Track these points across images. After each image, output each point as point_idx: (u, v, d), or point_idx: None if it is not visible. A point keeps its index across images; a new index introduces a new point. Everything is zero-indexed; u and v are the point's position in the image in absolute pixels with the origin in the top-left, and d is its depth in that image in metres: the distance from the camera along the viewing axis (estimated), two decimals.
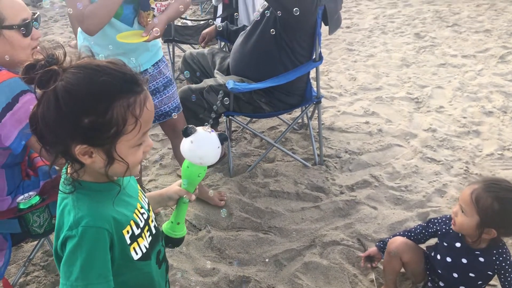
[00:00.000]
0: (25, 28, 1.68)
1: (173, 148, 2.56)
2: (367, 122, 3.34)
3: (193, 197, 1.25)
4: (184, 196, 1.25)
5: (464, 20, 5.42)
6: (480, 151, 2.93)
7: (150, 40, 2.00)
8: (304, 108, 2.85)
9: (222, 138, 1.22)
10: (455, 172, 2.74)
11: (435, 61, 4.34)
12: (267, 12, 2.53)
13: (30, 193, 1.70)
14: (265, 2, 2.63)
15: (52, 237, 2.24)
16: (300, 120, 3.28)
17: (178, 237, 1.29)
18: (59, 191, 1.05)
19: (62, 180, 1.06)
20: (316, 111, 2.88)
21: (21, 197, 1.68)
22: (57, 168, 1.81)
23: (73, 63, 0.95)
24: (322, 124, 3.27)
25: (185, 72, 2.85)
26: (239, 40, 2.71)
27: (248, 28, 2.68)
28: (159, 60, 2.28)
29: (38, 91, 0.94)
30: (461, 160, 2.84)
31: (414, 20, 5.51)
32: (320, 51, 2.66)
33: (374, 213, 2.44)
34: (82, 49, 1.01)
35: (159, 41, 2.33)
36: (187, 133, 1.19)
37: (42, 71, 0.91)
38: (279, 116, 3.22)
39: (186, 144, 1.20)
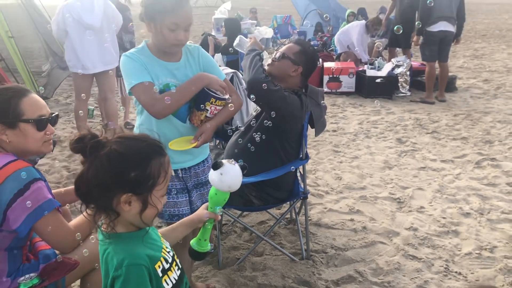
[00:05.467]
0: (39, 123, 1.88)
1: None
2: (352, 220, 3.49)
3: (219, 217, 1.56)
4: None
5: (443, 128, 5.80)
6: (459, 250, 3.06)
7: (199, 146, 2.13)
8: (292, 203, 3.02)
9: (243, 167, 1.54)
10: (435, 270, 2.84)
11: (416, 165, 4.60)
12: (261, 115, 2.80)
13: (31, 274, 1.79)
14: (259, 107, 2.92)
15: None
16: (288, 216, 3.43)
17: (205, 251, 1.56)
18: (100, 242, 1.31)
19: (100, 236, 1.32)
20: (303, 206, 3.04)
21: (22, 278, 1.77)
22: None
23: (114, 136, 1.28)
24: (310, 220, 3.41)
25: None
26: (233, 138, 2.95)
27: (242, 128, 2.94)
28: (205, 159, 2.40)
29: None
30: (441, 258, 2.96)
31: (396, 127, 5.89)
32: (307, 151, 2.90)
33: None
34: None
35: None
36: (216, 166, 1.49)
37: (93, 141, 1.23)
38: (269, 210, 3.38)
39: (215, 176, 1.50)
